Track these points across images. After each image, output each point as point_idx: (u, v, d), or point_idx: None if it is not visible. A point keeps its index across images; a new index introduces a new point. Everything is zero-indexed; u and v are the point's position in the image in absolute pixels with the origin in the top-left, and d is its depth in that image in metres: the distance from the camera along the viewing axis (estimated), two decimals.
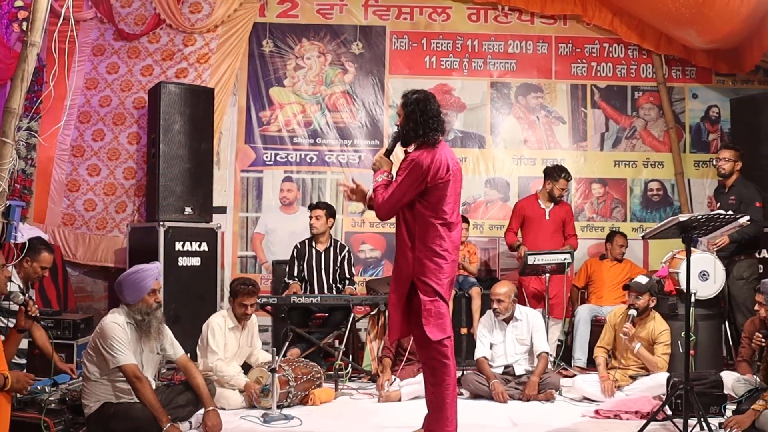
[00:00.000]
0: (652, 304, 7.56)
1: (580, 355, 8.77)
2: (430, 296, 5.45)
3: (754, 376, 6.64)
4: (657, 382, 7.10)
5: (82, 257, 9.62)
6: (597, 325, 8.72)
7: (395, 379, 7.59)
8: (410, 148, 5.61)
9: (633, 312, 7.41)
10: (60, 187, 9.66)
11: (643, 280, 7.59)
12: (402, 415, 6.67)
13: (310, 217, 8.89)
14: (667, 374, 7.02)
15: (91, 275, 9.83)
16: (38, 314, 5.59)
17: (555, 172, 9.25)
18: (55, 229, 9.58)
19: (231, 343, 7.15)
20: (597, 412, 6.82)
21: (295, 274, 8.91)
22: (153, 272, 5.89)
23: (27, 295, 5.67)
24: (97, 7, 9.74)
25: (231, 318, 7.19)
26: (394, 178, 5.57)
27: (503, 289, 7.67)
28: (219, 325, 7.10)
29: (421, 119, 5.49)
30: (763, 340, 6.53)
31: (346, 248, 9.05)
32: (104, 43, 9.89)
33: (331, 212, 8.98)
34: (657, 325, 7.52)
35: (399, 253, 5.65)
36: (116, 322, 5.69)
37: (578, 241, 9.47)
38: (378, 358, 8.08)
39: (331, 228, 9.00)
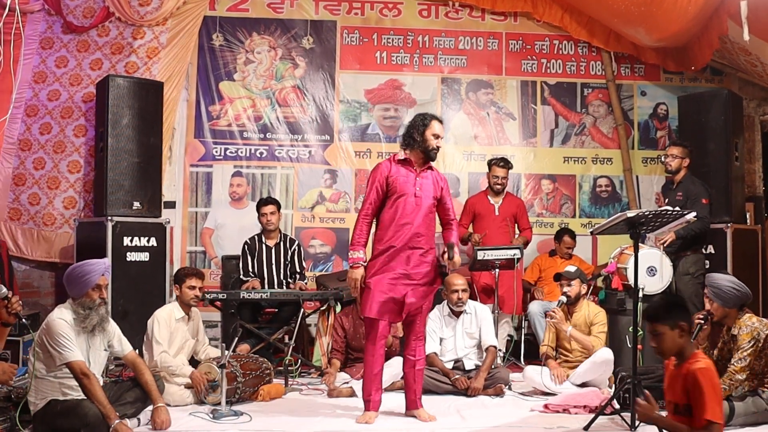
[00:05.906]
0: (583, 291, 7.68)
1: None
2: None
3: None
4: (601, 357, 7.26)
5: (30, 253, 9.48)
6: None
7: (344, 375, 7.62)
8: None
9: (563, 298, 7.53)
10: (6, 181, 9.49)
11: (571, 268, 7.79)
12: (352, 410, 6.65)
13: (263, 214, 8.87)
14: (608, 349, 7.22)
15: (37, 270, 9.69)
16: (21, 310, 5.46)
17: (490, 162, 9.33)
18: (2, 223, 9.42)
19: (178, 334, 7.11)
20: (546, 406, 6.85)
21: (249, 269, 8.89)
22: (99, 267, 5.81)
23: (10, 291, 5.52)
24: None
25: (178, 309, 7.17)
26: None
27: (461, 279, 7.72)
28: (164, 318, 7.05)
29: None
30: (702, 320, 6.57)
31: (296, 242, 9.06)
32: (53, 36, 9.69)
33: (279, 206, 9.01)
34: (591, 309, 7.65)
35: (426, 248, 6.37)
36: (63, 318, 5.61)
37: (533, 234, 9.54)
38: (328, 359, 8.07)
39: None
